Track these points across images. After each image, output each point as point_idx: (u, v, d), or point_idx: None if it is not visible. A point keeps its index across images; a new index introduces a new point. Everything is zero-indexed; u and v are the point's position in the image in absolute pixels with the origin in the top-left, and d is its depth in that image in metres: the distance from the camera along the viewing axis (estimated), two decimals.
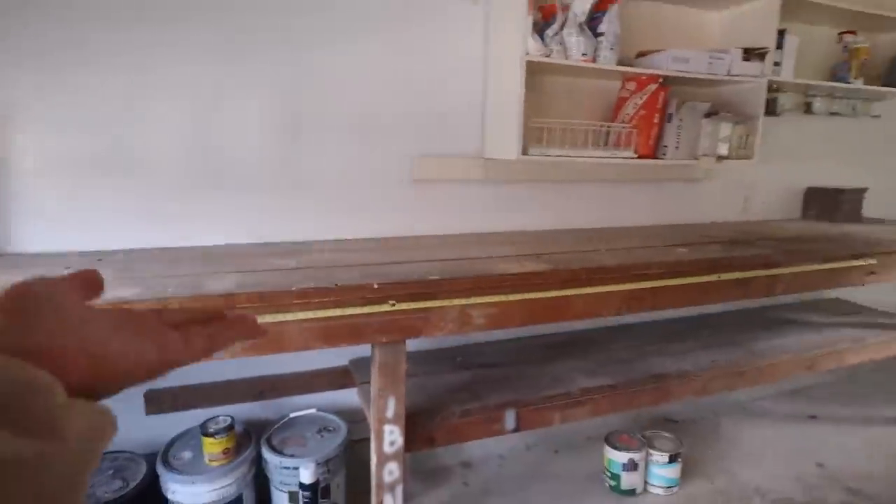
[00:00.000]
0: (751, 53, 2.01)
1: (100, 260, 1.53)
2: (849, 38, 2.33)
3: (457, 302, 1.38)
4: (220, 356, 1.24)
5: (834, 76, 2.38)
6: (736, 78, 2.02)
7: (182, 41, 1.62)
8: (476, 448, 2.18)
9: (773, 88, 2.30)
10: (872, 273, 2.01)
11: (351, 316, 1.30)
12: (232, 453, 1.61)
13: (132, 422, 1.75)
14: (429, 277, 1.35)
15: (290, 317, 1.25)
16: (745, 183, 2.51)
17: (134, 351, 0.31)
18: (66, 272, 0.33)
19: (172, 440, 1.71)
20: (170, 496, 1.57)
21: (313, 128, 1.79)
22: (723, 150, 2.04)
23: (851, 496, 1.97)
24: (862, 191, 2.55)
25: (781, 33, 2.08)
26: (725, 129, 2.03)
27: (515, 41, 1.69)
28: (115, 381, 0.30)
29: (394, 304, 1.33)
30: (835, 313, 2.60)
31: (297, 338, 1.27)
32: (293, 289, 1.23)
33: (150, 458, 1.65)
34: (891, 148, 2.83)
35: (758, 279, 1.78)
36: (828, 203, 2.56)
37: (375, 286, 1.29)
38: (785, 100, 2.36)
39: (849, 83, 2.32)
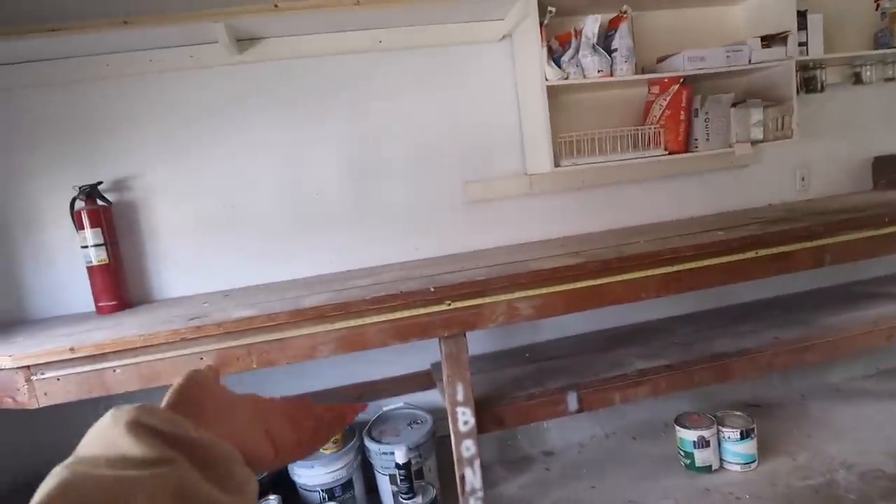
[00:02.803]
0: (771, 39, 2.10)
1: (226, 295, 1.98)
2: (885, 3, 2.32)
3: (503, 297, 1.65)
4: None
5: (877, 43, 2.36)
6: (760, 65, 2.12)
7: (269, 117, 2.08)
8: (557, 438, 2.37)
9: (812, 66, 2.35)
10: None
11: (416, 316, 1.61)
12: (341, 443, 1.96)
13: None
14: (476, 279, 1.63)
15: (368, 320, 1.58)
16: (797, 161, 2.52)
17: (272, 438, 0.46)
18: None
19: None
20: (296, 479, 1.94)
21: (377, 170, 2.18)
22: (757, 134, 2.13)
23: None
24: None
25: (803, 14, 2.15)
26: (756, 114, 2.12)
27: (536, 70, 1.96)
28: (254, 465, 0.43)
29: (450, 304, 1.61)
30: None
31: (376, 336, 1.60)
32: (367, 297, 1.56)
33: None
34: None
35: (800, 252, 1.84)
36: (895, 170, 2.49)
37: (432, 290, 1.59)
38: (826, 75, 2.38)
39: (894, 47, 2.29)
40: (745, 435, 2.01)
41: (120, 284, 1.97)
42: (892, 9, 2.28)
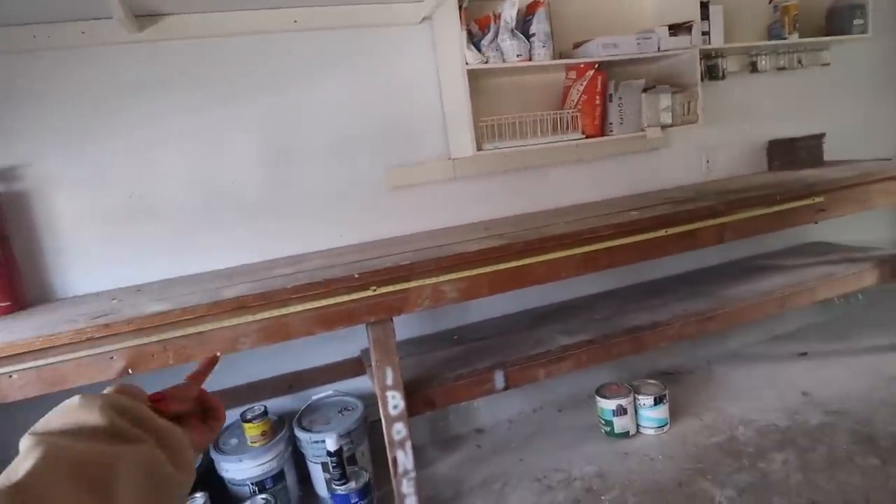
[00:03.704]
0: (677, 28, 2.23)
1: (139, 290, 1.87)
2: None
3: (428, 281, 1.66)
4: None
5: (770, 34, 2.56)
6: (668, 52, 2.24)
7: (177, 101, 1.96)
8: (487, 416, 2.44)
9: (714, 55, 2.51)
10: (822, 210, 2.18)
11: (342, 303, 1.59)
12: (269, 435, 1.92)
13: None
14: (401, 263, 1.63)
15: (291, 309, 1.55)
16: (703, 145, 2.70)
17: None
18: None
19: (220, 432, 2.03)
20: (224, 475, 1.89)
21: (297, 156, 2.11)
22: (666, 118, 2.26)
23: (830, 416, 2.14)
24: (818, 136, 2.70)
25: (705, 5, 2.29)
26: (665, 99, 2.24)
27: (456, 53, 1.97)
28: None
29: (375, 290, 1.61)
30: (812, 255, 2.75)
31: (301, 326, 1.57)
32: (289, 286, 1.53)
33: (205, 449, 1.97)
34: (844, 92, 2.97)
35: (705, 229, 1.98)
36: (788, 152, 2.73)
37: (356, 276, 1.57)
38: (727, 63, 2.55)
39: (784, 39, 2.49)
40: (658, 401, 2.16)
41: (13, 283, 1.80)
42: (783, 3, 2.48)
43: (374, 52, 2.15)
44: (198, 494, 1.73)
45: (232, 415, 2.05)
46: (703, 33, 2.29)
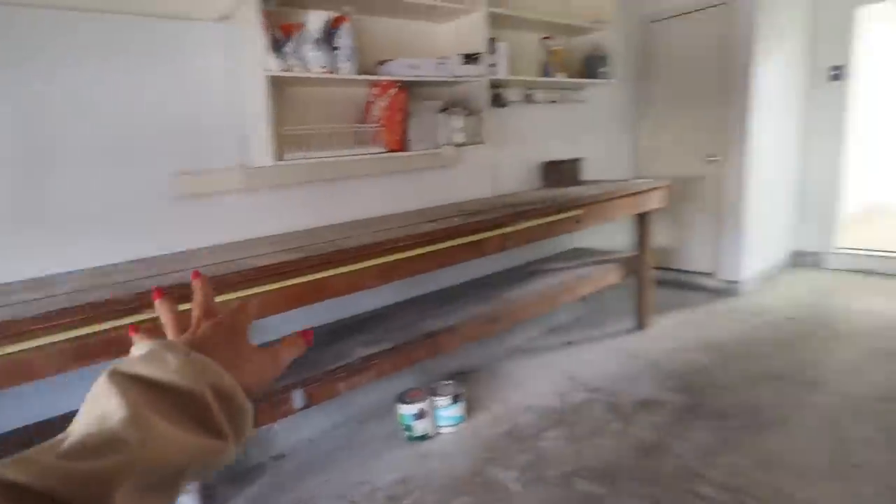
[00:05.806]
0: (469, 58, 2.43)
1: None
2: (548, 42, 2.92)
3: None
4: None
5: (543, 72, 2.96)
6: (461, 78, 2.43)
7: None
8: (285, 440, 2.32)
9: (499, 85, 2.80)
10: (579, 221, 2.59)
11: (104, 331, 1.35)
12: None
13: None
14: (182, 282, 1.46)
15: (34, 343, 1.26)
16: (490, 163, 3.00)
17: (264, 376, 0.46)
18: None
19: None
20: None
21: (62, 155, 1.74)
22: (459, 138, 2.45)
23: (590, 393, 2.55)
24: (577, 160, 3.22)
25: (493, 41, 2.54)
26: (457, 121, 2.43)
27: (257, 58, 1.84)
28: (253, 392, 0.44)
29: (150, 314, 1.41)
30: (573, 259, 3.25)
31: (47, 364, 1.29)
32: (33, 315, 1.25)
33: None
34: (596, 125, 3.61)
35: (490, 239, 2.20)
36: (555, 172, 3.19)
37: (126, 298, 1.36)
38: (510, 93, 2.88)
39: (554, 77, 2.91)
40: (455, 399, 2.32)
41: None
42: (553, 47, 2.89)
43: (167, 46, 1.88)
44: None
45: None
46: (491, 65, 2.54)
